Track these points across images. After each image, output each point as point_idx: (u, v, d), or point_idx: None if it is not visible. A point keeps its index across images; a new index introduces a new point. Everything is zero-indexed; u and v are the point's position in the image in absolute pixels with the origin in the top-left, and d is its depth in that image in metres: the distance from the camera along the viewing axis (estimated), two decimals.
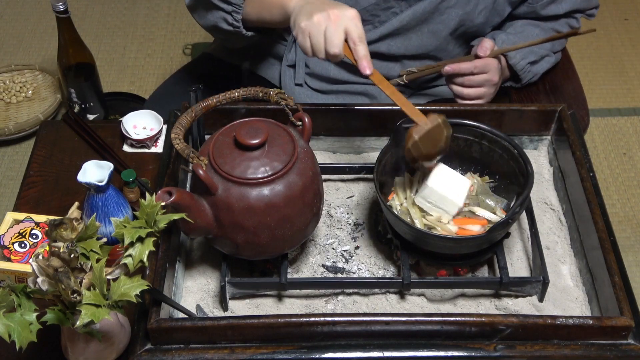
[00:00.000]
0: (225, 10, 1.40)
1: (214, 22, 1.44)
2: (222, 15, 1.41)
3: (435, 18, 1.46)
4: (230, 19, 1.41)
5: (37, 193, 1.37)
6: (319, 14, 1.19)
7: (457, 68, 1.43)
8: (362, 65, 1.19)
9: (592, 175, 1.26)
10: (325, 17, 1.19)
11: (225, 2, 1.40)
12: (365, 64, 1.19)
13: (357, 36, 1.19)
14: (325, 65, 1.54)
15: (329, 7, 1.20)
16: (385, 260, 1.25)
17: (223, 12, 1.41)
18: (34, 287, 0.92)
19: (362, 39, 1.19)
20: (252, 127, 1.09)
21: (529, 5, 1.52)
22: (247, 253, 1.14)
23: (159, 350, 1.06)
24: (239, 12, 1.39)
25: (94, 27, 2.91)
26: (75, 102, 2.07)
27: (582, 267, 1.22)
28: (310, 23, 1.20)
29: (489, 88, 1.47)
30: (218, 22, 1.43)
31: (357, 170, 1.36)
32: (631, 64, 2.81)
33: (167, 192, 1.04)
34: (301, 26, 1.21)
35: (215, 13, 1.42)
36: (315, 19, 1.19)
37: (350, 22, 1.19)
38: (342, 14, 1.19)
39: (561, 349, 1.06)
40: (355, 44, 1.19)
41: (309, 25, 1.20)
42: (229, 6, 1.40)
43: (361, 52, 1.19)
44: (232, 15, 1.40)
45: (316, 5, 1.22)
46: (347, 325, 1.06)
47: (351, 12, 1.20)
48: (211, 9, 1.43)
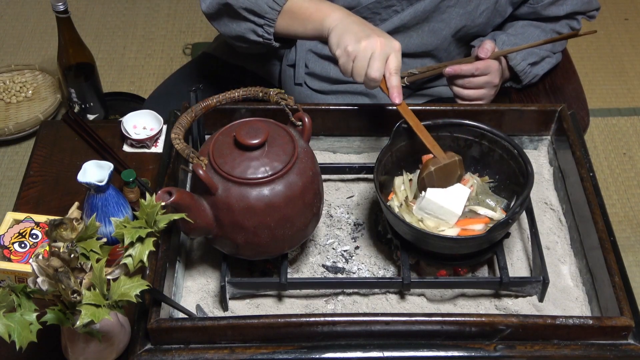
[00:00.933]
0: (256, 23, 1.36)
1: (241, 33, 1.39)
2: (251, 27, 1.37)
3: (436, 17, 1.46)
4: (261, 31, 1.37)
5: (37, 193, 1.37)
6: (367, 40, 1.21)
7: (459, 69, 1.44)
8: (393, 94, 1.23)
9: (592, 175, 1.26)
10: (373, 44, 1.21)
11: (256, 15, 1.35)
12: (396, 93, 1.23)
13: (394, 67, 1.22)
14: (325, 65, 1.54)
15: (375, 33, 1.23)
16: (385, 260, 1.25)
17: (254, 24, 1.37)
18: (34, 287, 0.92)
19: (398, 71, 1.23)
20: (252, 127, 1.09)
21: (530, 5, 1.52)
22: (247, 253, 1.14)
23: (159, 350, 1.06)
24: (271, 25, 1.35)
25: (94, 27, 2.91)
26: (75, 102, 2.07)
27: (582, 267, 1.22)
28: (358, 48, 1.22)
29: (490, 90, 1.47)
30: (246, 33, 1.39)
31: (357, 170, 1.36)
32: (631, 64, 2.81)
33: (167, 192, 1.04)
34: (348, 50, 1.23)
35: (243, 24, 1.38)
36: (363, 44, 1.21)
37: (394, 53, 1.22)
38: (388, 44, 1.22)
39: (561, 349, 1.06)
40: (390, 74, 1.23)
41: (357, 51, 1.22)
42: (260, 19, 1.35)
43: (394, 82, 1.22)
44: (263, 28, 1.36)
45: (362, 29, 1.24)
46: (347, 325, 1.06)
47: (396, 44, 1.23)
48: (239, 19, 1.38)
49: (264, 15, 1.34)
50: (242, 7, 1.35)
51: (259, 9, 1.33)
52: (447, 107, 1.35)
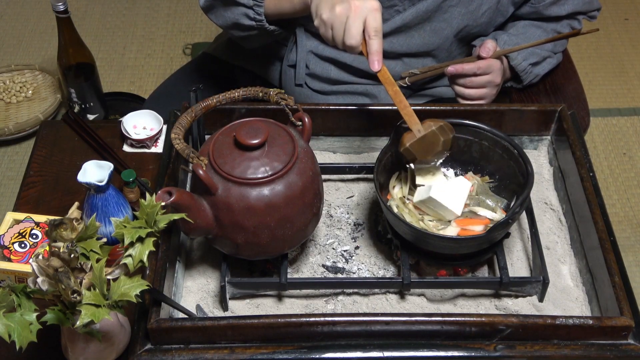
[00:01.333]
0: (246, 6, 1.38)
1: (235, 20, 1.42)
2: (243, 11, 1.39)
3: (438, 16, 1.46)
4: (252, 13, 1.38)
5: (37, 193, 1.37)
6: (341, 5, 1.18)
7: (460, 69, 1.43)
8: (372, 59, 1.18)
9: (592, 175, 1.26)
10: (347, 8, 1.18)
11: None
12: (375, 59, 1.18)
13: (372, 29, 1.18)
14: (325, 66, 1.54)
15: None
16: (385, 260, 1.25)
17: (244, 7, 1.39)
18: (34, 287, 0.92)
19: (377, 32, 1.18)
20: (252, 127, 1.09)
21: (532, 5, 1.52)
22: (247, 253, 1.14)
23: (159, 350, 1.06)
24: (260, 5, 1.37)
25: (94, 27, 2.91)
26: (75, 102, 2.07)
27: (582, 267, 1.22)
28: (332, 15, 1.19)
29: (491, 89, 1.47)
30: (239, 18, 1.41)
31: (357, 170, 1.36)
32: (631, 64, 2.81)
33: (167, 192, 1.04)
34: (323, 18, 1.21)
35: (235, 10, 1.40)
36: (337, 10, 1.18)
37: (370, 14, 1.18)
38: (362, 5, 1.18)
39: (561, 349, 1.06)
40: (369, 37, 1.18)
41: (331, 17, 1.19)
42: (250, 0, 1.37)
43: (374, 47, 1.18)
44: (253, 9, 1.38)
45: None
46: (347, 325, 1.06)
47: (372, 3, 1.18)
48: (230, 5, 1.40)
49: None
50: None
51: None
52: (447, 107, 1.35)
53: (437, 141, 1.18)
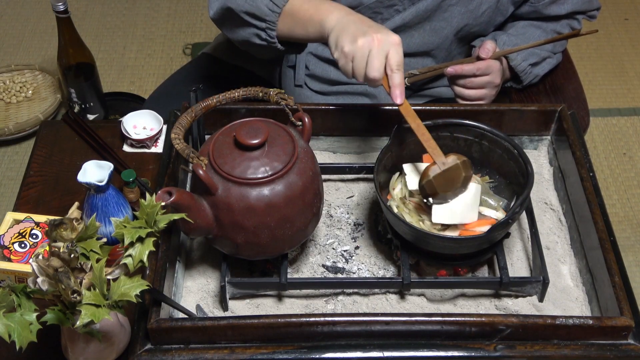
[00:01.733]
0: (258, 27, 1.35)
1: (246, 38, 1.39)
2: (255, 31, 1.36)
3: (437, 15, 1.46)
4: (264, 35, 1.35)
5: (37, 193, 1.37)
6: (363, 38, 1.18)
7: (460, 69, 1.43)
8: (395, 93, 1.18)
9: (592, 175, 1.26)
10: (369, 42, 1.17)
11: (258, 19, 1.33)
12: (398, 92, 1.18)
13: (395, 63, 1.18)
14: (325, 66, 1.54)
15: (372, 30, 1.19)
16: (385, 260, 1.25)
17: (256, 28, 1.35)
18: (34, 287, 0.92)
19: (399, 67, 1.18)
20: (252, 127, 1.09)
21: (531, 4, 1.52)
22: (247, 253, 1.14)
23: (159, 350, 1.06)
24: (273, 28, 1.34)
25: (94, 27, 2.91)
26: (75, 102, 2.07)
27: (582, 267, 1.22)
28: (354, 47, 1.18)
29: (491, 90, 1.47)
30: (250, 37, 1.38)
31: (357, 170, 1.36)
32: (631, 64, 2.81)
33: (167, 192, 1.04)
34: (345, 50, 1.19)
35: (247, 29, 1.37)
36: (360, 43, 1.18)
37: (392, 48, 1.18)
38: (385, 39, 1.18)
39: (561, 349, 1.06)
40: (392, 71, 1.18)
41: (353, 50, 1.18)
42: (262, 23, 1.34)
43: (396, 80, 1.18)
44: (265, 31, 1.35)
45: (359, 27, 1.20)
46: (347, 325, 1.06)
47: (394, 38, 1.19)
48: (242, 24, 1.37)
49: (265, 18, 1.32)
50: (243, 11, 1.34)
51: (259, 12, 1.32)
52: (447, 107, 1.35)
53: (458, 176, 1.17)
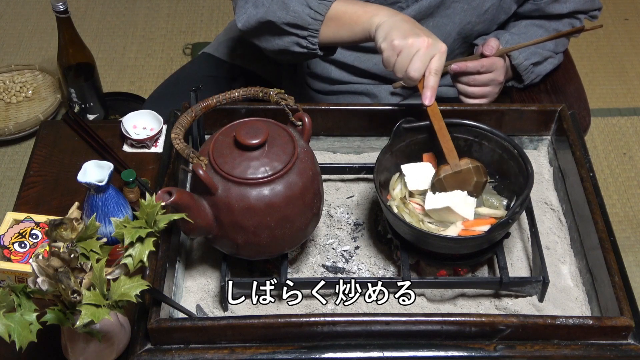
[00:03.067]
0: (299, 36, 1.35)
1: (284, 47, 1.38)
2: (295, 40, 1.36)
3: (440, 12, 1.46)
4: (305, 42, 1.35)
5: (37, 193, 1.37)
6: (415, 37, 1.20)
7: (464, 66, 1.43)
8: (426, 94, 1.21)
9: (592, 175, 1.26)
10: (420, 42, 1.20)
11: (300, 28, 1.34)
12: (429, 94, 1.21)
13: (435, 68, 1.21)
14: (326, 66, 1.54)
15: (423, 33, 1.22)
16: (385, 260, 1.25)
17: (297, 37, 1.35)
18: (34, 287, 0.92)
19: (438, 72, 1.22)
20: (252, 127, 1.09)
21: (534, 2, 1.52)
22: (247, 253, 1.14)
23: (159, 350, 1.06)
24: (315, 36, 1.34)
25: (94, 27, 2.91)
26: (75, 102, 2.07)
27: (582, 267, 1.22)
28: (404, 43, 1.21)
29: (494, 87, 1.47)
30: (289, 46, 1.37)
31: (357, 170, 1.36)
32: (631, 64, 2.81)
33: (167, 192, 1.04)
34: (394, 43, 1.21)
35: (286, 38, 1.36)
36: (410, 41, 1.20)
37: (438, 54, 1.21)
38: (434, 44, 1.21)
39: (561, 349, 1.06)
40: (430, 74, 1.21)
41: (402, 45, 1.21)
42: (304, 32, 1.34)
43: (431, 83, 1.21)
44: (307, 39, 1.35)
45: (411, 27, 1.23)
46: (347, 325, 1.06)
47: (443, 46, 1.22)
48: (282, 34, 1.36)
49: (307, 27, 1.33)
50: (284, 23, 1.33)
51: (302, 21, 1.32)
52: (447, 107, 1.35)
53: (470, 180, 1.21)
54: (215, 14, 2.98)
